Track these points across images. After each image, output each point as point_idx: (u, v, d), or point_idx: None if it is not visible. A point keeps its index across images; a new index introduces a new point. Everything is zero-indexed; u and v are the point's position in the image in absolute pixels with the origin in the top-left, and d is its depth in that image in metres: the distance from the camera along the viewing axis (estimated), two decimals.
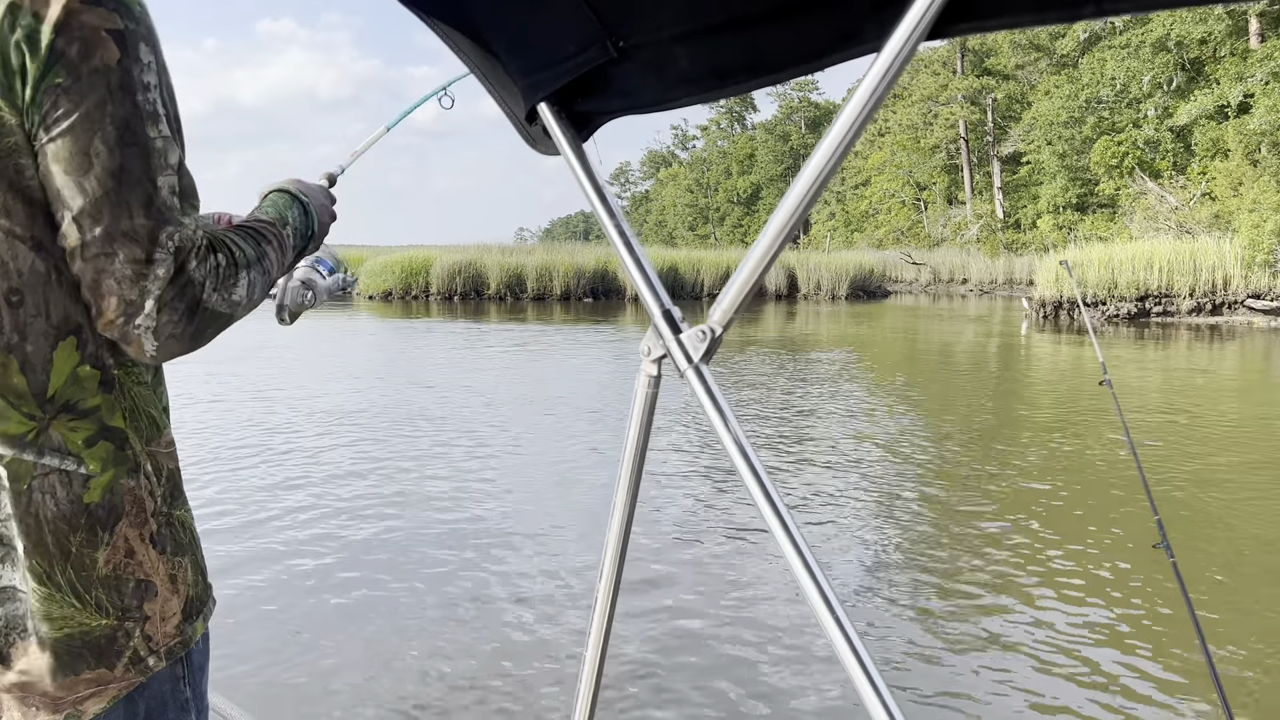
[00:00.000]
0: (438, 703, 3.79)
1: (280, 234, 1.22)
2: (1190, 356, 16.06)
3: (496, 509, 6.60)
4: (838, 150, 0.93)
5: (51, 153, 0.93)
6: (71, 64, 0.92)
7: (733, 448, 0.97)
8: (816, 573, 0.91)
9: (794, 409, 10.86)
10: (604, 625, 1.17)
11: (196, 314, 1.01)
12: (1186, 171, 33.67)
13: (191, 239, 1.00)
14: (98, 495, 1.01)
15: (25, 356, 0.96)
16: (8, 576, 0.97)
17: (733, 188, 77.98)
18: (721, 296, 1.04)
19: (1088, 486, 7.19)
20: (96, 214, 0.94)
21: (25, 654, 0.98)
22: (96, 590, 1.01)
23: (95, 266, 0.95)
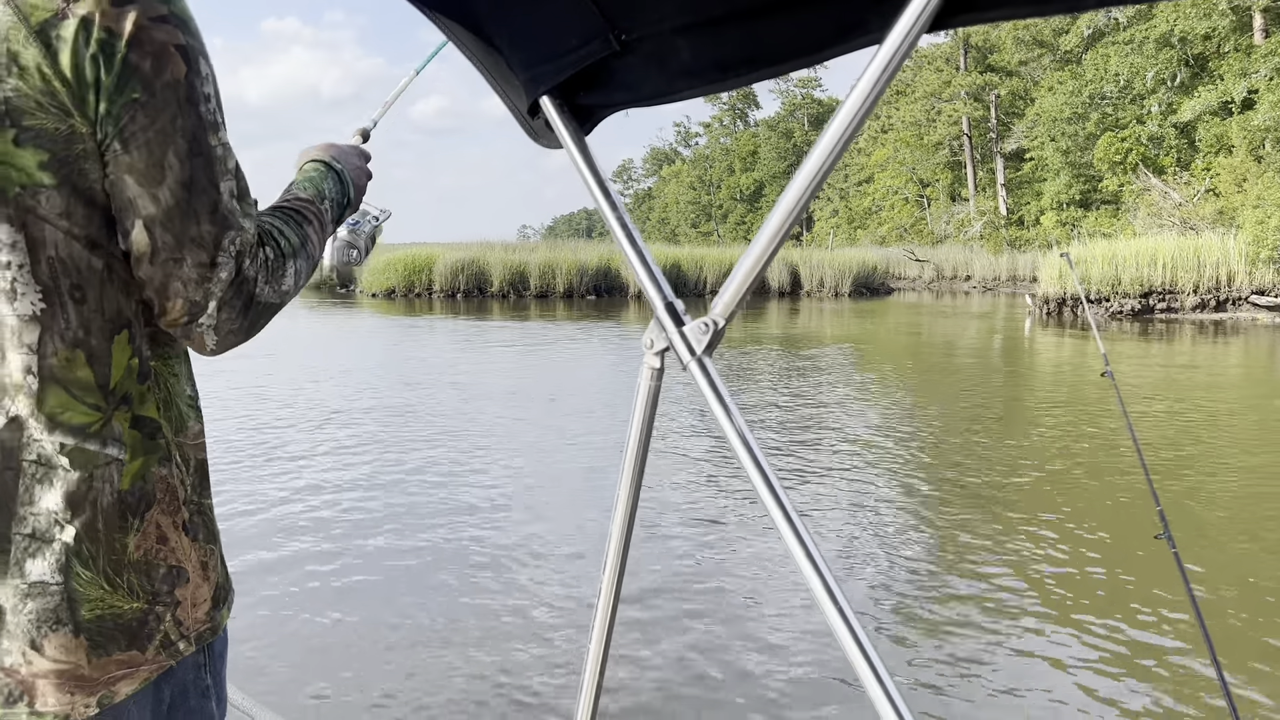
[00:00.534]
0: (438, 695, 3.79)
1: (320, 211, 1.28)
2: (1194, 352, 16.04)
3: (499, 501, 6.61)
4: (839, 144, 0.93)
5: (126, 165, 0.98)
6: (147, 79, 0.97)
7: (736, 440, 0.97)
8: (819, 563, 0.91)
9: (797, 404, 10.86)
10: (608, 616, 1.17)
11: (251, 308, 1.08)
12: (1190, 168, 33.60)
13: (250, 241, 1.07)
14: (127, 482, 1.05)
15: (91, 350, 1.00)
16: (36, 571, 0.99)
17: (736, 185, 77.92)
18: (724, 289, 1.04)
19: (1089, 478, 7.18)
20: (168, 222, 1.00)
21: (61, 642, 1.01)
22: (128, 574, 1.04)
23: (164, 271, 1.02)
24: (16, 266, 0.96)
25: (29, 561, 0.99)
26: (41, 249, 0.97)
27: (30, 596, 0.99)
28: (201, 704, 1.15)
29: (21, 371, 0.98)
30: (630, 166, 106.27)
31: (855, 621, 0.90)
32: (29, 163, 0.95)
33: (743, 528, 6.09)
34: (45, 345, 0.98)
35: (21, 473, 0.98)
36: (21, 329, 0.98)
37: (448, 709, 3.71)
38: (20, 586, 0.99)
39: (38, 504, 0.99)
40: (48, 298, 0.98)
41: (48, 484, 0.99)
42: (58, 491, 0.99)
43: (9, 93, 0.93)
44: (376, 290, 32.54)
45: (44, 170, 0.96)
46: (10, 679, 1.00)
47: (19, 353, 0.98)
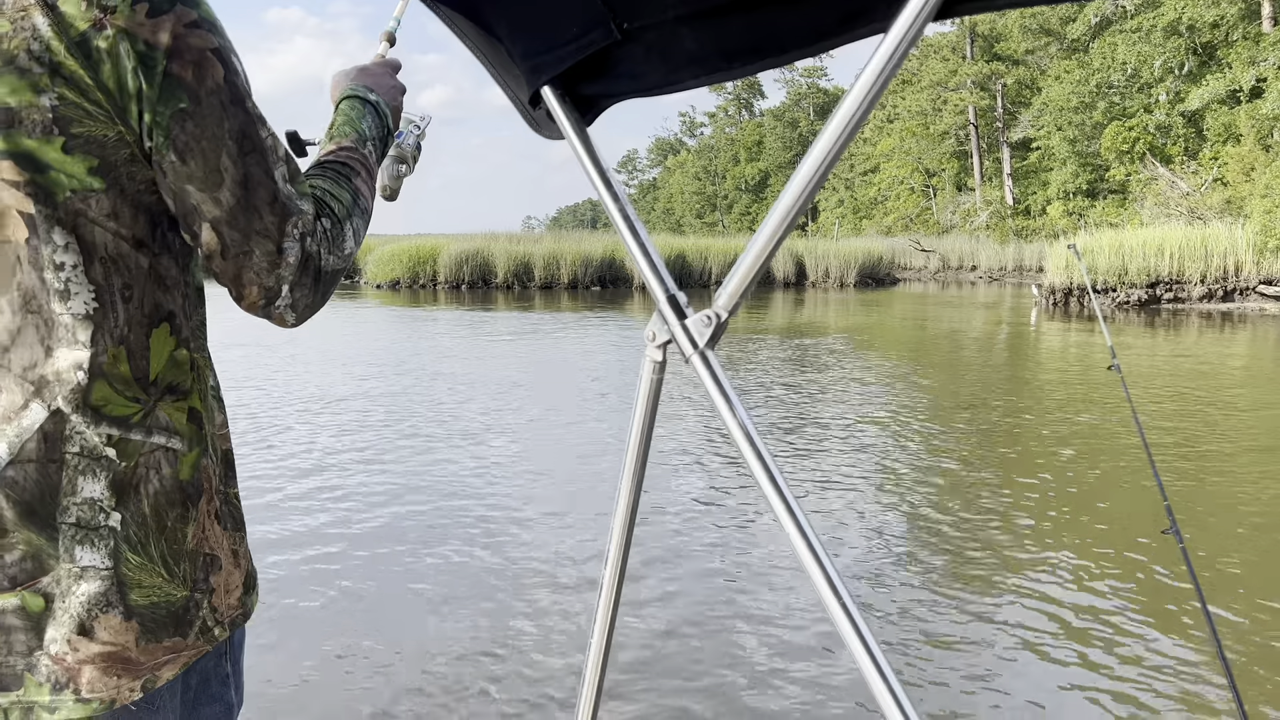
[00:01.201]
0: (442, 682, 3.80)
1: (364, 157, 1.29)
2: (1201, 343, 15.98)
3: (501, 494, 6.61)
4: (844, 133, 0.92)
5: (186, 174, 1.03)
6: (191, 89, 1.01)
7: (738, 433, 0.96)
8: (822, 557, 0.90)
9: (801, 395, 10.85)
10: (610, 608, 1.17)
11: (321, 280, 1.13)
12: (1198, 157, 33.46)
13: (309, 221, 1.10)
14: (188, 473, 1.10)
15: (131, 346, 1.04)
16: (87, 558, 1.02)
17: (740, 175, 77.78)
18: (727, 281, 1.03)
19: (1096, 472, 7.17)
20: (233, 221, 1.05)
21: (111, 625, 1.03)
22: (184, 563, 1.09)
23: (236, 265, 1.07)
24: (70, 267, 1.00)
25: (78, 548, 1.02)
26: (94, 250, 1.01)
27: (82, 579, 1.02)
28: (221, 691, 1.19)
29: (72, 368, 1.01)
30: (635, 157, 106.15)
31: (858, 615, 0.89)
32: (79, 169, 0.99)
33: (742, 521, 6.09)
34: (98, 343, 1.02)
35: (64, 464, 1.01)
36: (75, 326, 1.01)
37: (452, 688, 3.72)
38: (72, 570, 1.02)
39: (80, 493, 1.01)
40: (100, 297, 1.02)
41: (92, 474, 1.02)
42: (103, 481, 1.02)
43: (54, 102, 0.97)
44: (381, 281, 32.55)
45: (94, 175, 1.00)
46: (57, 666, 1.02)
47: (71, 349, 1.01)
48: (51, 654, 1.02)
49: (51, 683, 1.02)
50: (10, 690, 1.02)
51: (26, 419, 1.00)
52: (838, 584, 0.90)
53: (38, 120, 0.97)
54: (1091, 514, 6.11)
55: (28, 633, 1.01)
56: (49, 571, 1.01)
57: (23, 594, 1.01)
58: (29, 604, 1.01)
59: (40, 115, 0.97)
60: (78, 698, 1.03)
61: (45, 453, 1.00)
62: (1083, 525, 5.86)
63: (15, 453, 1.00)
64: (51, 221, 0.99)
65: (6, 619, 1.01)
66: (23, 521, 1.00)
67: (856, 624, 0.89)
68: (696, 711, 3.61)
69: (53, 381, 1.01)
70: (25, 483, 1.00)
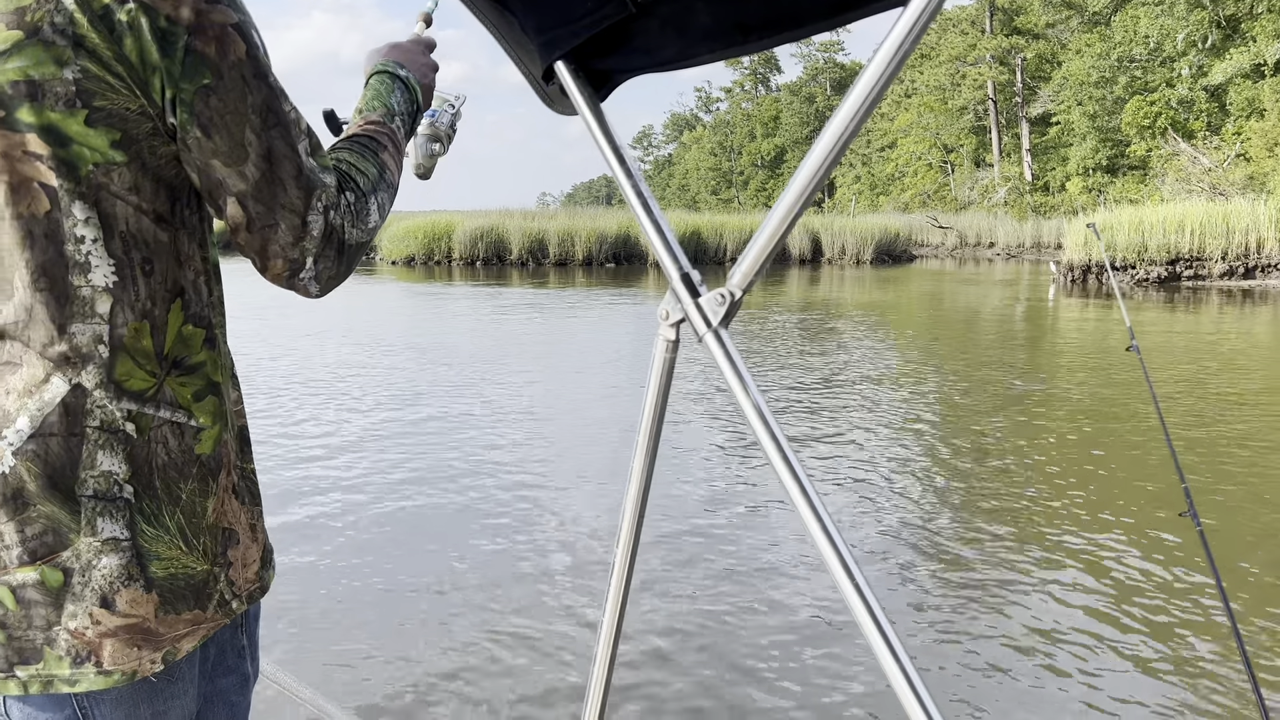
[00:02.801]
0: (455, 664, 3.82)
1: (392, 131, 1.29)
2: (1221, 321, 15.83)
3: (515, 473, 6.63)
4: (862, 108, 0.91)
5: (210, 149, 1.03)
6: (214, 64, 1.01)
7: (752, 413, 0.95)
8: (836, 539, 0.90)
9: (817, 374, 10.81)
10: (621, 589, 1.17)
11: (344, 253, 1.13)
12: (1220, 132, 33.04)
13: (333, 194, 1.11)
14: (209, 447, 1.10)
15: (154, 320, 1.05)
16: (109, 529, 1.03)
17: (756, 150, 77.34)
18: (741, 259, 1.02)
19: (1113, 453, 7.12)
20: (258, 194, 1.06)
21: (132, 597, 1.05)
22: (204, 537, 1.10)
23: (261, 237, 1.08)
24: (90, 240, 1.01)
25: (100, 520, 1.03)
26: (114, 224, 1.02)
27: (103, 553, 1.03)
28: (237, 663, 1.20)
29: (92, 341, 1.02)
30: (650, 132, 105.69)
31: (871, 596, 0.89)
32: (101, 142, 0.99)
33: (755, 502, 6.09)
34: (116, 316, 1.03)
35: (85, 438, 1.02)
36: (94, 299, 1.02)
37: (465, 672, 3.74)
38: (93, 544, 1.03)
39: (98, 466, 1.02)
40: (119, 270, 1.03)
41: (110, 448, 1.03)
42: (120, 454, 1.03)
43: (77, 75, 0.97)
44: (396, 258, 32.59)
45: (116, 148, 1.00)
46: (77, 640, 1.03)
47: (90, 323, 1.02)
48: (70, 629, 1.03)
49: (72, 656, 1.03)
50: (30, 663, 1.03)
51: (48, 392, 1.01)
52: (851, 564, 0.89)
53: (61, 93, 0.97)
54: (1108, 495, 6.07)
55: (46, 607, 1.02)
56: (68, 546, 1.02)
57: (42, 568, 1.02)
58: (48, 579, 1.02)
59: (63, 88, 0.97)
60: (99, 670, 1.04)
61: (66, 426, 1.01)
62: (1099, 507, 5.83)
63: (37, 426, 1.01)
64: (73, 195, 0.99)
65: (26, 592, 1.02)
66: (45, 493, 1.01)
67: (871, 607, 0.88)
68: (706, 697, 3.62)
69: (74, 356, 1.01)
70: (47, 455, 1.01)
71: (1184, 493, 2.35)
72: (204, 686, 1.15)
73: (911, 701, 0.86)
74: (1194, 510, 2.27)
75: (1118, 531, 5.34)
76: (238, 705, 1.22)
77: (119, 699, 1.06)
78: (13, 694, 1.04)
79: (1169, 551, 5.01)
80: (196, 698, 1.14)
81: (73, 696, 1.05)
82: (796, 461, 0.93)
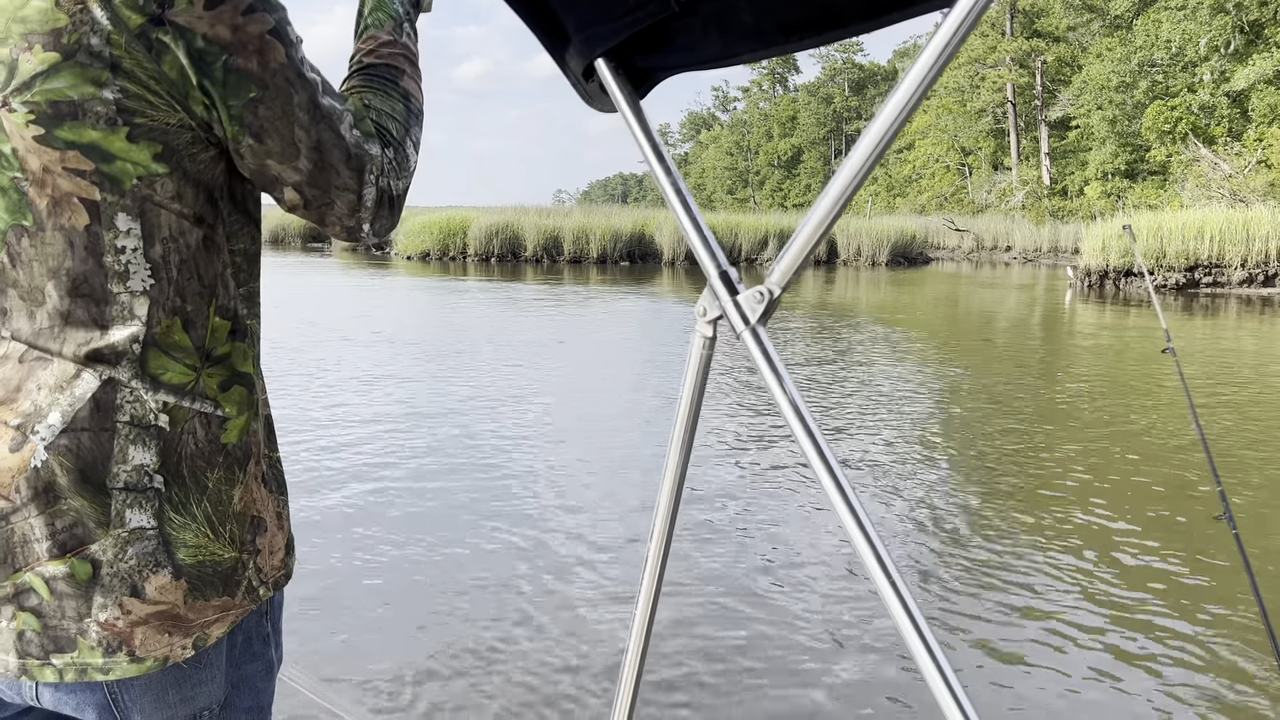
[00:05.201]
0: (483, 662, 3.80)
1: (405, 47, 1.28)
2: (1242, 327, 15.71)
3: (545, 471, 6.62)
4: (906, 107, 0.91)
5: (264, 152, 1.07)
6: (258, 77, 1.03)
7: (789, 410, 0.95)
8: (873, 537, 0.89)
9: (837, 375, 10.77)
10: (653, 588, 1.16)
11: (395, 206, 1.19)
12: (1242, 138, 32.80)
13: (380, 160, 1.14)
14: (235, 437, 1.12)
15: (186, 316, 1.07)
16: (136, 519, 1.05)
17: (773, 150, 77.29)
18: (780, 256, 1.02)
19: (1145, 457, 7.06)
20: (313, 181, 1.10)
21: (160, 584, 1.07)
22: (230, 525, 1.12)
23: (319, 213, 1.13)
24: (131, 250, 1.03)
25: (128, 512, 1.04)
26: (156, 232, 1.04)
27: (130, 543, 1.05)
28: (263, 649, 1.22)
29: (127, 341, 1.04)
30: (667, 131, 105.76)
31: (906, 590, 0.88)
32: (144, 156, 1.01)
33: (790, 500, 6.05)
34: (153, 317, 1.05)
35: (115, 432, 1.04)
36: (132, 303, 1.04)
37: (490, 666, 3.72)
38: (121, 535, 1.04)
39: (131, 460, 1.04)
40: (156, 273, 1.05)
41: (141, 442, 1.05)
42: (152, 447, 1.05)
43: (117, 94, 0.98)
44: (411, 253, 32.69)
45: (158, 161, 1.02)
46: (108, 631, 1.05)
47: (128, 326, 1.04)
48: (101, 620, 1.05)
49: (104, 646, 1.05)
50: (65, 651, 1.05)
51: (79, 388, 1.03)
52: (888, 562, 0.89)
53: (101, 112, 0.98)
54: (1141, 499, 6.01)
55: (77, 599, 1.04)
56: (96, 539, 1.04)
57: (71, 561, 1.04)
58: (77, 571, 1.04)
59: (104, 107, 0.98)
60: (132, 658, 1.06)
61: (98, 421, 1.03)
62: (1132, 510, 5.77)
63: (69, 421, 1.02)
64: (117, 208, 1.01)
65: (58, 584, 1.04)
66: (76, 488, 1.03)
67: (907, 603, 0.87)
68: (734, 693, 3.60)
69: (108, 355, 1.03)
70: (79, 450, 1.02)
71: (1220, 495, 2.30)
72: (231, 674, 1.17)
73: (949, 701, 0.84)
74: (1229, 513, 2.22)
75: (1150, 532, 5.27)
76: (263, 692, 1.24)
77: (148, 684, 1.09)
78: (49, 681, 1.06)
79: (1204, 555, 4.95)
80: (224, 684, 1.16)
81: (104, 683, 1.07)
82: (832, 455, 0.92)
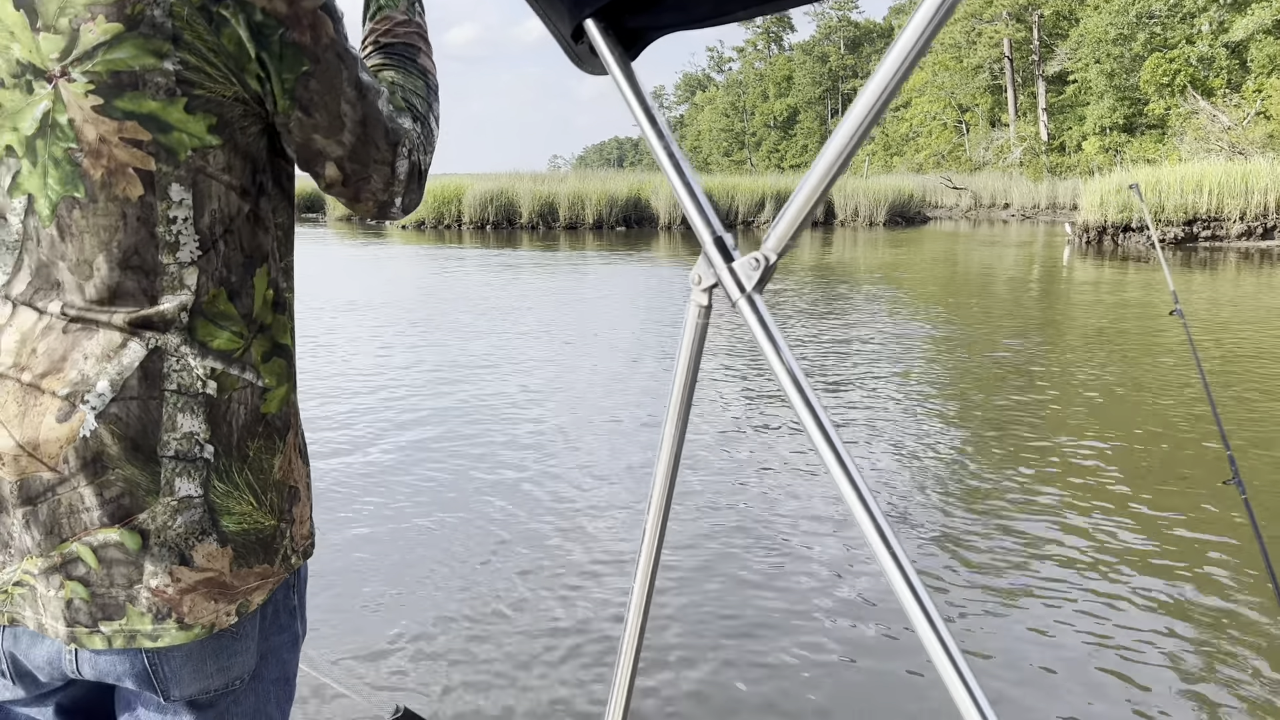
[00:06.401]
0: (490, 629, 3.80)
1: (419, 26, 1.32)
2: (1241, 282, 15.65)
3: (541, 440, 6.60)
4: (904, 65, 0.87)
5: (311, 126, 1.09)
6: (311, 51, 1.06)
7: (787, 380, 0.92)
8: (873, 509, 0.88)
9: (835, 339, 10.74)
10: (652, 555, 1.16)
11: (423, 180, 1.23)
12: (1241, 89, 32.54)
13: (412, 134, 1.18)
14: (275, 407, 1.14)
15: (231, 287, 1.09)
16: (185, 488, 1.06)
17: (769, 111, 76.71)
18: (776, 221, 0.98)
19: (1151, 419, 7.04)
20: (354, 157, 1.13)
21: (208, 551, 1.08)
22: (271, 493, 1.14)
23: (355, 189, 1.16)
24: (182, 221, 1.04)
25: (178, 480, 1.06)
26: (206, 203, 1.06)
27: (179, 511, 1.06)
28: (289, 622, 1.24)
29: (176, 310, 1.05)
30: (662, 93, 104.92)
31: (908, 563, 0.88)
32: (200, 127, 1.03)
33: (787, 471, 6.04)
34: (201, 286, 1.06)
35: (164, 400, 1.05)
36: (181, 274, 1.05)
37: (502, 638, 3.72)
38: (170, 504, 1.06)
39: (180, 428, 1.06)
40: (204, 244, 1.06)
41: (189, 409, 1.06)
42: (200, 415, 1.07)
43: (177, 66, 1.00)
44: (406, 222, 32.52)
45: (213, 133, 1.04)
46: (158, 598, 1.07)
47: (177, 295, 1.05)
48: (152, 587, 1.06)
49: (153, 613, 1.07)
50: (113, 619, 1.07)
51: (126, 356, 1.04)
52: (887, 532, 0.88)
53: (161, 83, 1.00)
54: (1148, 462, 6.00)
55: (127, 566, 1.06)
56: (146, 508, 1.05)
57: (121, 530, 1.05)
58: (127, 540, 1.05)
59: (164, 79, 1.00)
60: (180, 625, 1.08)
61: (146, 389, 1.04)
62: (1139, 474, 5.74)
63: (118, 389, 1.03)
64: (171, 179, 1.02)
65: (108, 552, 1.05)
66: (128, 456, 1.04)
67: (907, 574, 0.87)
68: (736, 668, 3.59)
69: (156, 322, 1.05)
70: (128, 418, 1.04)
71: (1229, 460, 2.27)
72: (260, 645, 1.19)
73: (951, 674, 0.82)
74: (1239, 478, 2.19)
75: (1158, 499, 5.26)
76: (289, 663, 1.25)
77: (189, 652, 1.10)
78: (97, 648, 1.08)
79: (1212, 520, 4.94)
80: (255, 655, 1.18)
81: (145, 651, 1.09)
82: (832, 426, 0.89)
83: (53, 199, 1.02)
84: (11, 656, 1.13)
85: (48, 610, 1.08)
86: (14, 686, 1.16)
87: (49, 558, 1.06)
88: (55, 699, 1.19)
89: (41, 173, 1.02)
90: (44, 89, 1.00)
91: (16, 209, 1.03)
